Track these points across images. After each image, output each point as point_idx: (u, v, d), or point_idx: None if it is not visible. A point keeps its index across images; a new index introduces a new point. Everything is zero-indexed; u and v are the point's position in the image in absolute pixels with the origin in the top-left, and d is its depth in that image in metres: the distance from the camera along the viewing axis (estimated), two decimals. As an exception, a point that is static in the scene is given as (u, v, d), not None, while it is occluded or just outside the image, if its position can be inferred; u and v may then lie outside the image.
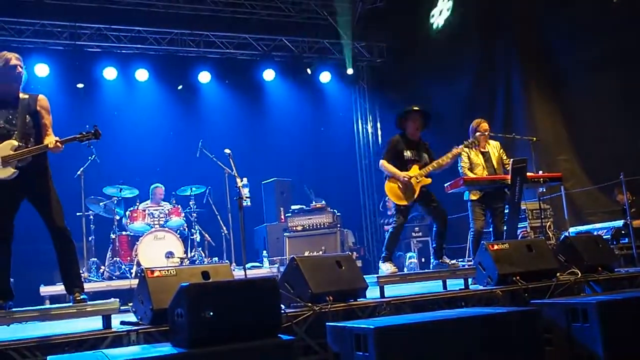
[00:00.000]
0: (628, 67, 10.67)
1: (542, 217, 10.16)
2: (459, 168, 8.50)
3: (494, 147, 8.71)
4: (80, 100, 13.08)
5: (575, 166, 11.93)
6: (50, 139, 5.48)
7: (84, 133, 5.61)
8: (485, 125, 8.67)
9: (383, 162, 7.89)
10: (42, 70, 12.85)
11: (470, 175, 8.37)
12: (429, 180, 7.83)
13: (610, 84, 11.05)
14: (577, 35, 11.35)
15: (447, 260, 7.74)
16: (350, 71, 15.61)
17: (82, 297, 5.29)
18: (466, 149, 8.35)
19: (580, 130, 11.76)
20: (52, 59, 13.05)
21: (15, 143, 5.36)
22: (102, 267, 10.61)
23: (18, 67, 5.55)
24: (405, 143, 7.92)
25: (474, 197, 8.41)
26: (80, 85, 13.47)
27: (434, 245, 7.98)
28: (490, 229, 8.57)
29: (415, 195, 7.72)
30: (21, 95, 5.57)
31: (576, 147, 11.97)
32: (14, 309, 5.03)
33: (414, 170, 7.77)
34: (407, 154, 7.86)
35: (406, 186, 7.70)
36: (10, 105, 5.50)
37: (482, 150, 8.61)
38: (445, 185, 8.46)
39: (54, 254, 5.55)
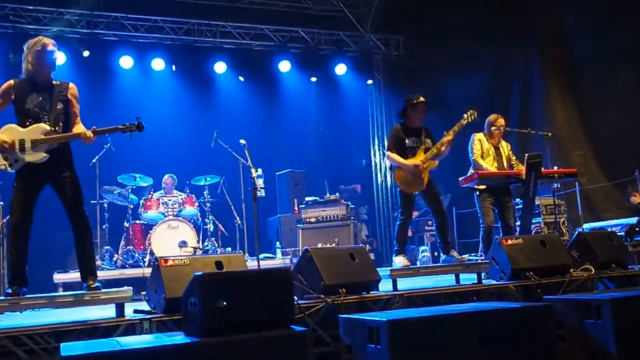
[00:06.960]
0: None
1: (556, 212, 10.12)
2: (470, 155, 8.48)
3: (505, 147, 8.69)
4: (96, 88, 13.06)
5: (590, 162, 11.87)
6: (80, 128, 5.54)
7: (127, 125, 5.65)
8: (501, 121, 8.64)
9: (389, 154, 7.87)
10: (58, 58, 12.78)
11: (481, 162, 8.34)
12: (436, 162, 7.81)
13: (629, 80, 10.96)
14: (596, 30, 11.25)
15: (455, 254, 7.69)
16: None
17: (95, 284, 5.31)
18: (478, 137, 8.37)
19: (597, 127, 11.69)
20: (69, 48, 13.03)
21: (47, 127, 5.42)
22: (116, 255, 10.65)
23: (54, 53, 5.67)
24: (405, 131, 7.91)
25: (481, 187, 8.37)
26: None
27: (438, 240, 7.91)
28: (499, 224, 8.54)
29: (425, 182, 7.72)
30: (53, 81, 5.65)
31: (592, 142, 11.90)
32: (27, 296, 5.08)
33: (420, 155, 7.77)
34: (408, 141, 7.86)
35: (414, 174, 7.70)
36: (42, 90, 5.58)
37: (495, 145, 8.58)
38: (460, 179, 8.45)
39: (68, 242, 5.58)
